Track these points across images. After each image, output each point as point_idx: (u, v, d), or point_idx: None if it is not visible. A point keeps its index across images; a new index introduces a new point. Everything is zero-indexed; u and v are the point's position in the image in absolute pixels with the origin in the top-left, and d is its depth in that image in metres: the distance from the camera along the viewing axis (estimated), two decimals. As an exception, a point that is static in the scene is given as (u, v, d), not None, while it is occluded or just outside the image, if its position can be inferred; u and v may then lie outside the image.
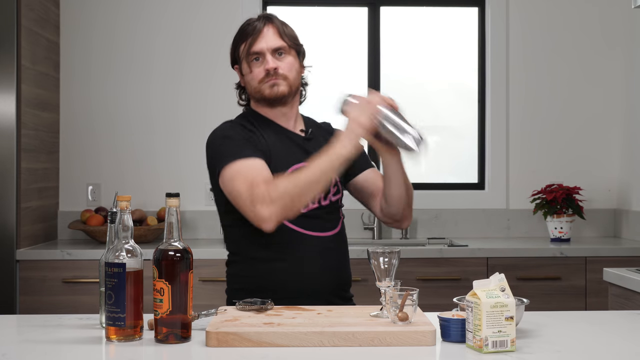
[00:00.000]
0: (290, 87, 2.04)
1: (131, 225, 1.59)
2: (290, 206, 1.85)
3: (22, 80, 3.28)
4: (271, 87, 2.02)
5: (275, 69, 2.01)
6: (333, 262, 2.04)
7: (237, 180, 1.89)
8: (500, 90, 3.91)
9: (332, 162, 1.86)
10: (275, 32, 2.04)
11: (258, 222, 1.85)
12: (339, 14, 4.05)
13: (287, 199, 1.83)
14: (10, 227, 3.23)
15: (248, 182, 1.87)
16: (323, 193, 2.03)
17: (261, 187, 1.84)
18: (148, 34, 3.84)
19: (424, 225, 3.85)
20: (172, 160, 3.83)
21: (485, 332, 1.45)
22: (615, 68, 3.91)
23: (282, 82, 2.02)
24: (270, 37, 2.03)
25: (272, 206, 1.83)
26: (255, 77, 2.03)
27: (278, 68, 2.01)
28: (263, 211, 1.83)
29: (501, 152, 3.91)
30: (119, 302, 1.54)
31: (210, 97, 3.83)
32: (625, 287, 2.52)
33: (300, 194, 1.84)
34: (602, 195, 3.90)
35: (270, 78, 2.02)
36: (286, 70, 2.03)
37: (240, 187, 1.88)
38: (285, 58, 2.04)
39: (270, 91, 2.02)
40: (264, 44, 2.02)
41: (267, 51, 2.02)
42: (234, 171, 1.91)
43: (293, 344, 1.51)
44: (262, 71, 2.02)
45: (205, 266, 3.22)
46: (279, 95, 2.03)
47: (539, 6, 3.93)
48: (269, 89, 2.02)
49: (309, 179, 1.84)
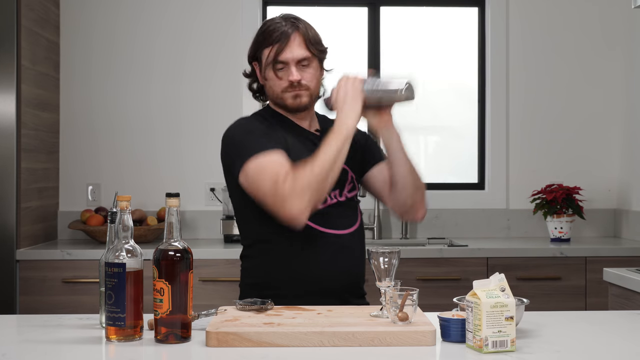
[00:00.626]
0: (311, 97, 2.06)
1: (131, 225, 1.59)
2: (316, 195, 1.85)
3: (22, 80, 3.28)
4: (294, 98, 2.03)
5: (299, 81, 2.01)
6: (348, 260, 2.03)
7: (261, 179, 1.88)
8: (500, 90, 3.91)
9: (342, 135, 1.88)
10: (301, 41, 2.01)
11: (290, 220, 1.85)
12: (339, 14, 4.05)
13: (314, 188, 1.84)
14: (10, 227, 3.23)
15: (272, 180, 1.86)
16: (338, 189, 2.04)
17: (286, 182, 1.84)
18: (148, 34, 3.84)
19: (424, 225, 3.85)
20: (172, 161, 3.83)
21: (485, 332, 1.45)
22: (615, 68, 3.91)
23: (305, 92, 2.03)
24: (296, 48, 2.00)
25: (301, 201, 1.82)
26: (279, 85, 2.03)
27: (302, 80, 2.02)
28: (293, 208, 1.83)
29: (501, 152, 3.91)
30: (119, 302, 1.54)
31: (211, 97, 3.83)
32: (625, 287, 2.52)
33: (323, 179, 1.85)
34: (602, 195, 3.90)
35: (294, 89, 2.02)
36: (308, 81, 2.03)
37: (266, 187, 1.87)
38: (308, 69, 2.03)
39: (293, 102, 2.04)
40: (290, 54, 2.00)
41: (291, 62, 2.01)
42: (256, 168, 1.90)
43: (293, 344, 1.51)
44: (285, 81, 2.02)
45: (205, 266, 3.22)
46: (300, 106, 2.05)
47: (539, 6, 3.93)
48: (291, 100, 2.03)
49: (326, 163, 1.85)
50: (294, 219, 1.85)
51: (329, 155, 1.86)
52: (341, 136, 1.89)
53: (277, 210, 1.86)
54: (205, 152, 3.78)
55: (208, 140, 3.79)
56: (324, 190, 1.87)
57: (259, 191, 1.90)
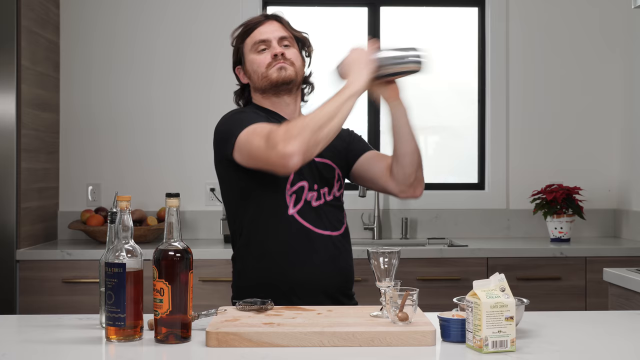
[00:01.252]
0: (296, 73, 2.06)
1: (131, 225, 1.59)
2: (312, 139, 1.78)
3: (22, 80, 3.28)
4: (279, 70, 2.03)
5: (283, 54, 2.04)
6: (341, 261, 2.05)
7: (254, 137, 1.86)
8: (500, 90, 3.91)
9: (346, 97, 1.85)
10: (279, 25, 2.10)
11: (283, 159, 1.77)
12: (339, 14, 4.05)
13: (308, 132, 1.78)
14: (10, 227, 3.23)
15: (264, 133, 1.84)
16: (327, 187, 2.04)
17: (278, 131, 1.81)
18: (148, 34, 3.84)
19: (424, 225, 3.85)
20: (172, 161, 3.83)
21: (485, 332, 1.45)
22: (615, 68, 3.91)
23: (289, 66, 2.04)
24: (276, 28, 2.08)
25: (294, 141, 1.77)
26: (262, 62, 2.05)
27: (285, 53, 2.05)
28: (286, 148, 1.76)
29: (501, 152, 3.91)
30: (119, 302, 1.54)
31: (210, 97, 3.83)
32: (625, 287, 2.52)
33: (320, 127, 1.80)
34: (602, 195, 3.90)
35: (277, 61, 2.03)
36: (292, 57, 2.06)
37: (258, 140, 1.84)
38: (290, 48, 2.08)
39: (278, 74, 2.03)
40: (270, 33, 2.07)
41: (273, 39, 2.06)
42: (248, 133, 1.89)
43: (293, 344, 1.51)
44: (268, 57, 2.04)
45: (205, 266, 3.22)
46: (286, 78, 2.04)
47: (539, 6, 3.93)
48: (276, 72, 2.03)
49: (326, 113, 1.82)
50: (285, 158, 1.76)
51: (329, 108, 1.83)
52: (345, 94, 1.85)
53: (269, 155, 1.80)
54: (205, 152, 3.74)
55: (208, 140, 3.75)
56: (319, 139, 1.80)
57: (252, 148, 1.86)
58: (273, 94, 2.07)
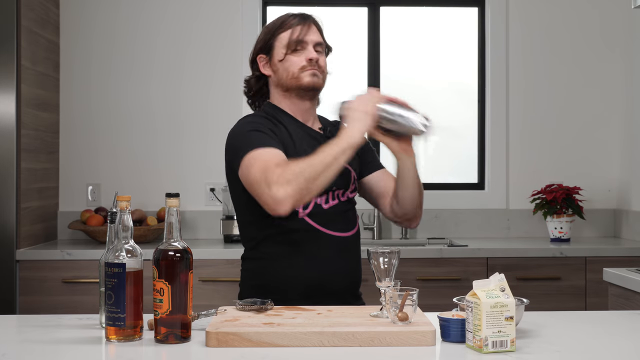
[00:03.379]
0: (324, 81, 2.09)
1: (131, 225, 1.59)
2: (305, 188, 1.82)
3: (22, 80, 3.28)
4: (312, 75, 2.05)
5: (317, 60, 2.06)
6: (348, 262, 2.05)
7: (253, 167, 1.89)
8: (500, 90, 3.91)
9: (343, 149, 1.87)
10: (316, 29, 2.12)
11: (274, 204, 1.82)
12: (339, 14, 4.05)
13: (302, 180, 1.81)
14: (10, 227, 3.23)
15: (262, 166, 1.87)
16: (342, 189, 2.05)
17: (275, 170, 1.84)
18: (148, 34, 3.84)
19: (424, 225, 3.85)
20: (172, 161, 3.83)
21: (485, 332, 1.45)
22: (615, 68, 3.91)
23: (321, 74, 2.07)
24: (314, 32, 2.10)
25: (287, 187, 1.81)
26: (296, 64, 2.05)
27: (319, 60, 2.06)
28: (278, 192, 1.80)
29: (501, 152, 3.91)
30: (119, 302, 1.54)
31: (211, 96, 3.83)
32: (625, 287, 2.52)
33: (314, 177, 1.83)
34: (602, 195, 3.90)
35: (312, 67, 2.05)
36: (324, 65, 2.09)
37: (255, 172, 1.87)
38: (322, 55, 2.10)
39: (310, 80, 2.05)
40: (309, 36, 2.08)
41: (310, 43, 2.07)
42: (251, 158, 1.91)
43: (293, 344, 1.51)
44: (303, 60, 2.05)
45: (205, 266, 3.22)
46: (316, 85, 2.06)
47: (539, 6, 3.93)
48: (309, 77, 2.05)
49: (322, 163, 1.84)
50: (277, 203, 1.81)
51: (325, 158, 1.85)
52: (341, 145, 1.87)
53: (263, 193, 1.84)
54: (205, 152, 3.78)
55: (208, 140, 3.79)
56: (312, 189, 1.84)
57: (250, 177, 1.89)
58: (296, 95, 2.08)
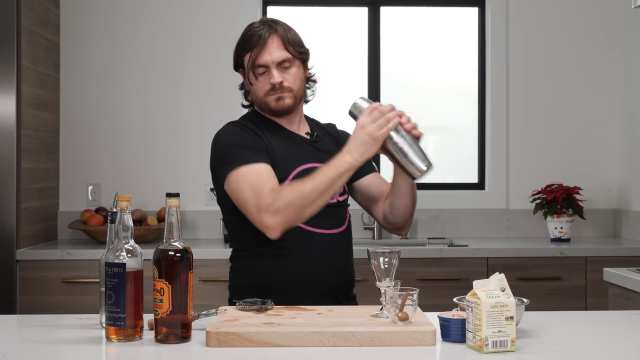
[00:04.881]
0: (295, 98, 2.05)
1: (131, 225, 1.59)
2: (294, 217, 1.87)
3: (22, 80, 3.28)
4: (277, 100, 2.03)
5: (281, 83, 2.01)
6: (337, 260, 2.04)
7: (243, 188, 1.91)
8: (500, 90, 3.91)
9: (340, 172, 1.87)
10: (279, 43, 2.00)
11: (264, 230, 1.90)
12: (339, 14, 4.05)
13: (292, 210, 1.86)
14: (10, 227, 3.23)
15: (253, 190, 1.89)
16: None
17: (266, 197, 1.86)
18: (148, 34, 3.84)
19: (424, 225, 3.85)
20: (172, 161, 3.83)
21: (485, 332, 1.45)
22: (616, 68, 3.91)
23: (287, 94, 2.02)
24: (275, 50, 2.00)
25: (277, 216, 1.86)
26: (261, 89, 2.03)
27: (283, 81, 2.01)
28: (268, 220, 1.86)
29: (501, 152, 3.91)
30: (119, 302, 1.54)
31: (210, 97, 3.83)
32: (625, 287, 2.52)
33: (305, 205, 1.86)
34: (602, 195, 3.90)
35: (275, 92, 2.02)
36: (291, 83, 2.02)
37: (246, 195, 1.90)
38: (290, 70, 2.02)
39: (276, 104, 2.03)
40: (269, 56, 1.99)
41: (272, 65, 2.00)
42: (240, 177, 1.92)
43: (293, 344, 1.51)
44: (267, 84, 2.02)
45: (205, 266, 3.22)
46: (284, 108, 2.04)
47: (539, 6, 3.93)
48: (274, 102, 2.03)
49: (315, 189, 1.85)
50: (267, 229, 1.88)
51: (319, 185, 1.86)
52: (339, 170, 1.87)
53: (253, 218, 1.91)
54: (205, 152, 3.72)
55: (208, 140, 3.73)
56: (304, 216, 1.88)
57: (239, 198, 1.93)
58: (272, 115, 2.08)
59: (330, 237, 2.03)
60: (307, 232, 1.99)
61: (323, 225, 2.01)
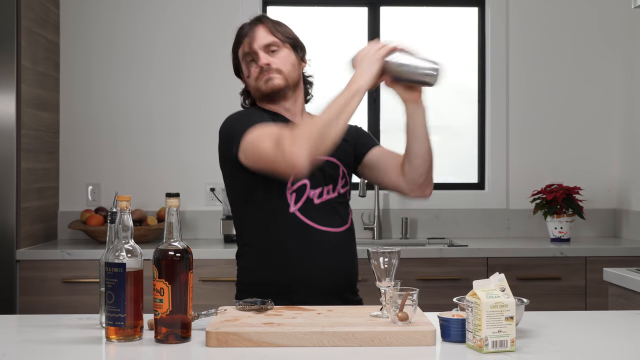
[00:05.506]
0: (286, 79, 2.06)
1: (131, 225, 1.59)
2: (319, 141, 1.81)
3: (22, 80, 3.28)
4: (266, 82, 2.05)
5: (268, 64, 2.04)
6: (342, 258, 2.05)
7: (261, 141, 1.88)
8: (500, 90, 3.91)
9: (352, 92, 1.86)
10: (265, 29, 2.08)
11: (292, 165, 1.79)
12: (339, 14, 4.05)
13: (315, 133, 1.81)
14: (10, 227, 3.23)
15: (271, 136, 1.86)
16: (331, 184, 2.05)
17: (285, 133, 1.83)
18: (148, 34, 3.84)
19: (424, 225, 3.85)
20: (172, 160, 3.83)
21: (485, 332, 1.45)
22: (615, 68, 3.91)
23: (276, 75, 2.04)
24: (261, 36, 2.07)
25: (301, 144, 1.79)
26: (252, 76, 2.07)
27: (270, 63, 2.04)
28: (293, 152, 1.78)
29: (501, 152, 3.91)
30: (119, 302, 1.54)
31: (210, 97, 3.83)
32: (625, 287, 2.52)
33: (326, 128, 1.82)
34: (602, 195, 3.90)
35: (263, 74, 2.05)
36: (279, 65, 2.05)
37: (265, 144, 1.86)
38: (278, 53, 2.07)
39: (266, 86, 2.05)
40: (255, 43, 2.06)
41: (258, 50, 2.06)
42: (254, 136, 1.90)
43: (293, 344, 1.51)
44: (257, 70, 2.06)
45: (205, 266, 3.22)
46: (275, 88, 2.05)
47: (539, 6, 3.93)
48: (264, 84, 2.05)
49: (331, 113, 1.83)
50: (295, 162, 1.78)
51: (334, 106, 1.84)
52: (350, 91, 1.86)
53: (277, 158, 1.82)
54: (205, 152, 3.78)
55: (208, 140, 3.79)
56: (327, 139, 1.82)
57: (260, 151, 1.87)
58: (269, 102, 2.09)
59: (335, 235, 2.03)
60: (313, 229, 2.00)
61: (328, 223, 2.02)
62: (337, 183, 2.08)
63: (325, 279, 2.01)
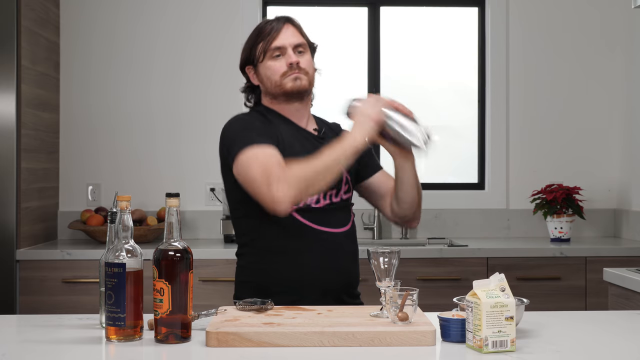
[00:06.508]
0: (309, 83, 2.08)
1: (131, 225, 1.59)
2: (304, 189, 1.86)
3: (22, 80, 3.28)
4: (294, 80, 2.05)
5: (298, 63, 2.05)
6: (342, 259, 2.05)
7: (252, 166, 1.90)
8: (500, 90, 3.91)
9: (345, 151, 1.89)
10: (295, 30, 2.10)
11: (273, 204, 1.85)
12: (339, 14, 4.05)
13: (302, 182, 1.85)
14: (10, 227, 3.23)
15: (263, 166, 1.88)
16: (335, 189, 2.06)
17: (276, 171, 1.86)
18: (148, 34, 3.84)
19: (424, 225, 3.85)
20: (172, 160, 3.83)
21: (485, 332, 1.46)
22: (615, 68, 3.91)
23: (304, 76, 2.06)
24: (291, 34, 2.08)
25: (287, 187, 1.83)
26: (277, 71, 2.05)
27: (300, 62, 2.05)
28: (278, 192, 1.83)
29: (501, 152, 3.91)
30: (119, 302, 1.54)
31: (210, 96, 3.83)
32: (625, 287, 2.52)
33: (314, 179, 1.86)
34: (602, 195, 3.90)
35: (293, 71, 2.05)
36: (306, 66, 2.07)
37: (255, 171, 1.89)
38: (304, 55, 2.08)
39: (293, 84, 2.05)
40: (286, 39, 2.06)
41: (288, 46, 2.06)
42: (249, 157, 1.92)
43: (293, 344, 1.51)
44: (284, 65, 2.05)
45: (205, 266, 3.22)
46: (301, 89, 2.06)
47: (539, 6, 3.93)
48: (291, 82, 2.05)
49: (322, 165, 1.87)
50: (276, 203, 1.84)
51: (325, 162, 1.88)
52: (343, 152, 1.90)
53: (262, 192, 1.86)
54: (205, 152, 3.78)
55: (208, 140, 3.79)
56: (313, 189, 1.88)
57: (248, 176, 1.91)
58: (284, 100, 2.09)
59: (334, 235, 2.04)
60: (312, 230, 2.00)
61: (328, 224, 2.03)
62: (341, 189, 2.09)
63: (324, 279, 2.01)
